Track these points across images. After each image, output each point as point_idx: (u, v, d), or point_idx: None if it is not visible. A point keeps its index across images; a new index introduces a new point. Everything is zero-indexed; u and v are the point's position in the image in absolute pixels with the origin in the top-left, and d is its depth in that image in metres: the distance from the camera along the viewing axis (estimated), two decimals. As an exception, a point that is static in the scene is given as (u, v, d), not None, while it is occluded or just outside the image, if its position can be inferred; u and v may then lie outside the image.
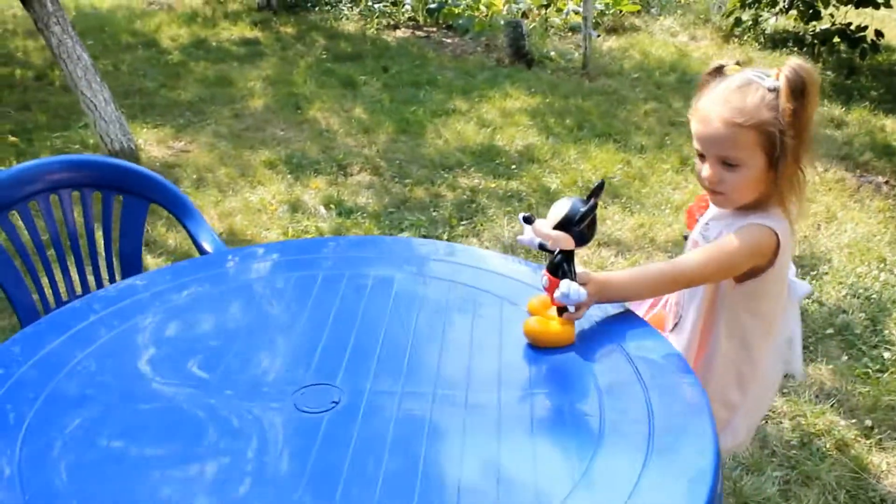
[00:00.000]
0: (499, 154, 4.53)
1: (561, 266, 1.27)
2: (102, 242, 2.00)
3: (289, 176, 4.15)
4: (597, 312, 1.37)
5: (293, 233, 3.55)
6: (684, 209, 1.47)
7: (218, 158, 4.34)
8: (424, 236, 3.61)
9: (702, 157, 1.50)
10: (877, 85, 5.92)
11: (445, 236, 3.63)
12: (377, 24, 7.40)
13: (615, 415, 1.14)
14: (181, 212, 1.98)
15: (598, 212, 3.83)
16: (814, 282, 3.33)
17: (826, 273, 3.40)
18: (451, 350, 1.30)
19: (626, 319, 1.38)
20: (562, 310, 1.30)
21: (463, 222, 3.79)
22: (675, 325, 1.65)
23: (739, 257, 1.47)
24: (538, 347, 1.30)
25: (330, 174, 4.20)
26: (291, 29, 7.31)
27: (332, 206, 3.83)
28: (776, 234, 1.47)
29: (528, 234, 1.33)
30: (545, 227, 1.26)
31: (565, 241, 1.25)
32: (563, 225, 1.24)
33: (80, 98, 4.11)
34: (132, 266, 1.99)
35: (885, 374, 2.80)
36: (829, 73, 6.09)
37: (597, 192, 1.28)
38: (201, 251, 1.89)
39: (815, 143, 1.55)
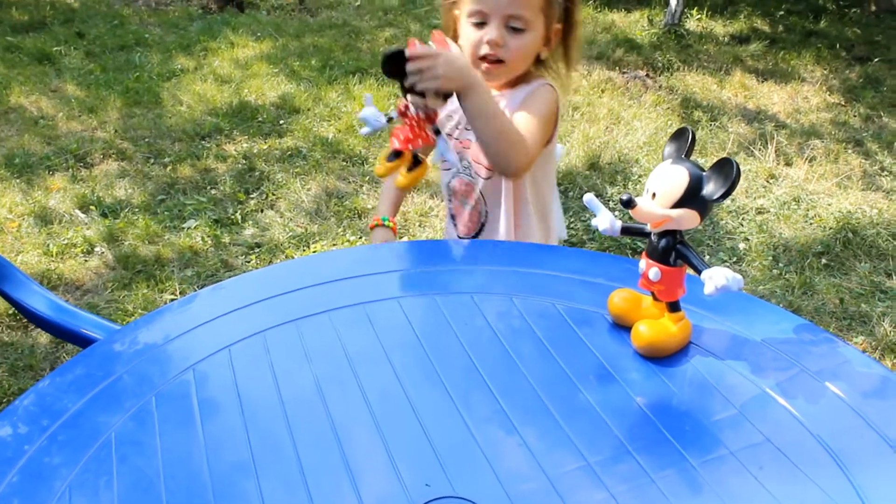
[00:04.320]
0: (256, 111, 4.03)
1: (673, 250, 0.97)
2: None
3: (17, 181, 3.39)
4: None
5: (57, 249, 2.88)
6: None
7: (-85, 176, 3.45)
8: (216, 221, 3.10)
9: (480, 24, 1.45)
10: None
11: (238, 215, 3.15)
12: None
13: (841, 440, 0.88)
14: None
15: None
16: (634, 187, 3.29)
17: (641, 175, 3.37)
18: (560, 396, 0.95)
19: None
20: (675, 305, 1.00)
21: (252, 195, 3.31)
22: (482, 228, 1.62)
23: (549, 124, 1.48)
24: (654, 359, 1.00)
25: (68, 169, 3.49)
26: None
27: (90, 207, 3.17)
28: (555, 90, 1.51)
29: (608, 220, 1.00)
30: (656, 207, 0.94)
31: (690, 219, 0.94)
32: (686, 199, 0.93)
33: None
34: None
35: (744, 265, 2.81)
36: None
37: (693, 141, 0.98)
38: (52, 327, 1.35)
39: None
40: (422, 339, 1.06)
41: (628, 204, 0.93)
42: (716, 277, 0.90)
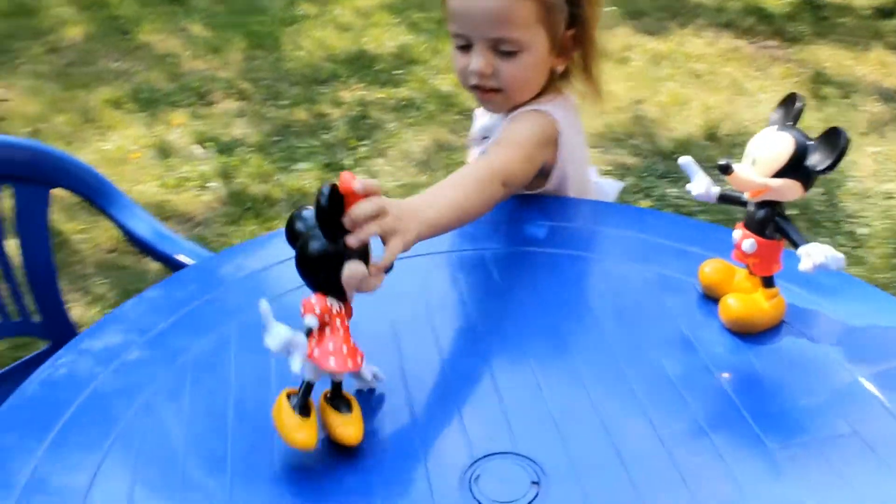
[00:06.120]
0: (373, 60, 4.04)
1: (771, 222, 0.91)
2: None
3: (142, 114, 3.51)
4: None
5: (173, 182, 2.98)
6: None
7: (49, 104, 3.61)
8: (326, 165, 3.14)
9: (464, 47, 1.19)
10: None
11: (349, 160, 3.18)
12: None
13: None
14: (101, 197, 1.45)
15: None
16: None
17: (762, 149, 3.22)
18: (639, 364, 0.92)
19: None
20: (769, 280, 0.95)
21: (363, 142, 3.33)
22: None
23: (531, 146, 1.18)
24: (742, 334, 0.95)
25: (190, 105, 3.60)
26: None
27: (207, 143, 3.26)
28: (555, 120, 1.20)
29: (704, 185, 0.96)
30: (755, 175, 0.89)
31: (792, 190, 0.89)
32: (789, 168, 0.87)
33: None
34: (44, 282, 1.47)
35: (862, 250, 2.67)
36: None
37: (802, 108, 0.92)
38: (153, 252, 1.39)
39: (691, 13, 1.34)
40: (503, 292, 1.04)
41: (725, 170, 0.89)
42: (814, 254, 0.84)
